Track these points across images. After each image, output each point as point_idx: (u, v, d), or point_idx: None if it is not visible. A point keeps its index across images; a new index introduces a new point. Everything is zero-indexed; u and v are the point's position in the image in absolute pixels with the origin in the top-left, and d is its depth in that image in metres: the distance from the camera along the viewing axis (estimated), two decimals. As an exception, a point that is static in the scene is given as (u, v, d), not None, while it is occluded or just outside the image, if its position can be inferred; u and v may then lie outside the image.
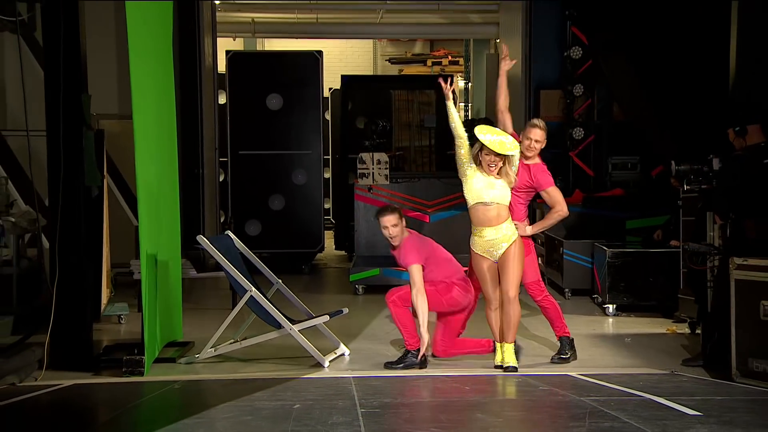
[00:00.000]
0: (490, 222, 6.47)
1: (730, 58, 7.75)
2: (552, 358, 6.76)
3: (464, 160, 6.47)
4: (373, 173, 10.64)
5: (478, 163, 6.42)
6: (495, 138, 6.30)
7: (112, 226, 8.78)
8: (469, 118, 16.41)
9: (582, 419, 4.53)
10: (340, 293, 10.21)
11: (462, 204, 6.79)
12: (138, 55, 6.37)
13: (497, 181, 6.40)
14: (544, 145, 6.74)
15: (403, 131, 14.04)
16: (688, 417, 4.66)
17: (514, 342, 6.59)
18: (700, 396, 5.32)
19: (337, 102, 14.46)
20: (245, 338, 6.96)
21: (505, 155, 6.34)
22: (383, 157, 10.62)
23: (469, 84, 17.65)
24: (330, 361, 6.65)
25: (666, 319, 8.39)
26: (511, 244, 6.49)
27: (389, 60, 18.90)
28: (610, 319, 8.60)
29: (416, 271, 6.46)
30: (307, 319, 7.00)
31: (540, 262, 10.85)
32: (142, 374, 6.30)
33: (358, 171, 10.72)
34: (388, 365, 6.55)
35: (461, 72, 18.56)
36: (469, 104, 17.66)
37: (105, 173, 8.22)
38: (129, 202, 10.44)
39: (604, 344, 7.51)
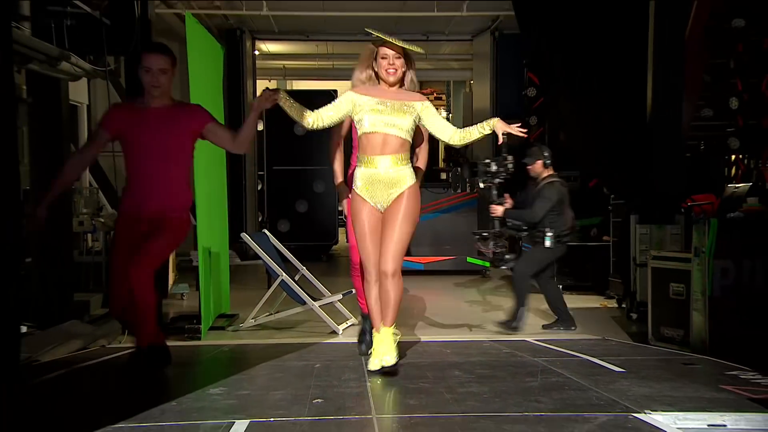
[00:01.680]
0: (388, 149, 4.15)
1: (647, 95, 7.78)
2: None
3: (350, 108, 4.29)
4: (375, 184, 10.64)
5: (375, 77, 4.35)
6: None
7: (176, 225, 8.78)
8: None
9: (536, 375, 4.55)
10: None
11: (444, 206, 6.50)
12: (196, 94, 6.40)
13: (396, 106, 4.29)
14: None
15: (398, 151, 13.99)
16: (615, 373, 4.68)
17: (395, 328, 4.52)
18: (624, 356, 5.33)
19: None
20: (278, 312, 7.00)
21: (404, 49, 4.30)
22: (383, 171, 10.62)
23: (450, 115, 17.64)
24: (343, 330, 6.67)
25: (599, 296, 8.42)
26: (405, 190, 4.19)
27: (388, 96, 18.88)
28: (557, 297, 8.59)
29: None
30: (325, 297, 7.04)
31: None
32: (199, 339, 6.34)
33: (364, 182, 10.73)
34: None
35: (444, 105, 18.56)
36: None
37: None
38: (189, 206, 10.43)
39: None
